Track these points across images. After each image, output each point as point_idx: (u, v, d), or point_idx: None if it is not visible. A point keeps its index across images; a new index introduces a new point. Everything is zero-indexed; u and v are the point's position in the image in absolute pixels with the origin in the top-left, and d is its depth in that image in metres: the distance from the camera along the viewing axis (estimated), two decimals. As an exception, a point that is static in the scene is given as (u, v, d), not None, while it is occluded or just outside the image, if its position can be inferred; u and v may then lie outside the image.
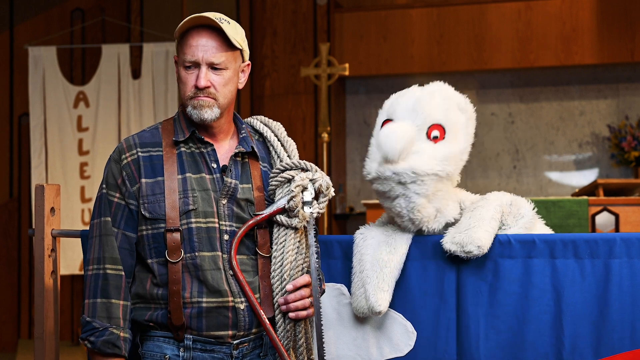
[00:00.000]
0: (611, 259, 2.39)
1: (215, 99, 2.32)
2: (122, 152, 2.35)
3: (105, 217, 2.32)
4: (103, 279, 2.28)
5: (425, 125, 2.42)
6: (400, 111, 2.46)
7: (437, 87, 2.50)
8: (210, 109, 2.32)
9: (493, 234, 2.42)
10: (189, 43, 2.31)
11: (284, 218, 2.35)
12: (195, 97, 2.32)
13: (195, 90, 2.31)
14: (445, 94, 2.49)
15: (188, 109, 2.34)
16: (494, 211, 2.44)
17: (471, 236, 2.37)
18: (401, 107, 2.46)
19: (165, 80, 7.89)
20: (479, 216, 2.41)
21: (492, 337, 2.45)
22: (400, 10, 8.21)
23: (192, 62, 2.31)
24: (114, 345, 2.25)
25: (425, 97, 2.45)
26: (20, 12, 8.39)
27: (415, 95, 2.47)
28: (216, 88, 2.32)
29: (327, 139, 6.98)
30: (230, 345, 2.29)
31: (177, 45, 2.37)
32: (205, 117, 2.32)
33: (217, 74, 2.33)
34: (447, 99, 2.47)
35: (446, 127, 2.43)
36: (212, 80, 2.31)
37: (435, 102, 2.44)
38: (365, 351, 2.55)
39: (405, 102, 2.47)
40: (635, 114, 8.11)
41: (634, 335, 2.36)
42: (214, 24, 2.31)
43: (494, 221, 2.42)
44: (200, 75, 2.30)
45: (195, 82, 2.31)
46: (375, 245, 2.50)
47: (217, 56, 2.31)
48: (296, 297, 2.31)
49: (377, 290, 2.42)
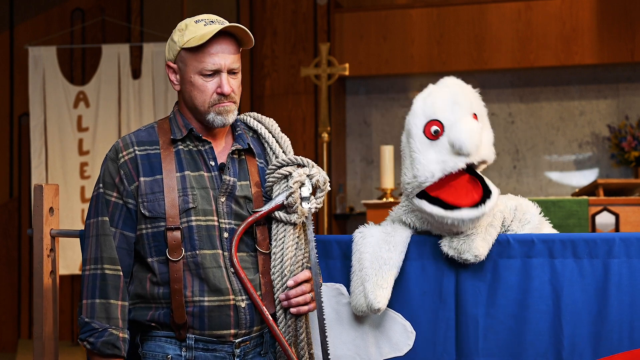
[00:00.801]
0: (610, 259, 2.39)
1: (235, 102, 2.37)
2: (119, 150, 2.35)
3: (102, 216, 2.32)
4: (101, 279, 2.28)
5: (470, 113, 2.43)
6: (442, 108, 2.42)
7: (456, 81, 2.51)
8: (232, 113, 2.37)
9: (491, 242, 2.42)
10: (209, 51, 2.32)
11: (283, 214, 2.36)
12: (219, 104, 2.34)
13: (219, 97, 2.33)
14: (466, 86, 2.51)
15: (209, 116, 2.34)
16: (493, 218, 2.44)
17: (469, 245, 2.38)
18: (440, 105, 2.43)
19: (165, 80, 7.89)
20: (479, 223, 2.41)
21: (491, 336, 2.45)
22: (400, 10, 8.21)
23: (213, 70, 2.33)
24: (113, 346, 2.25)
25: (460, 89, 2.46)
26: (21, 12, 8.39)
27: (447, 91, 2.46)
28: (235, 92, 2.36)
29: (327, 139, 6.98)
30: (232, 344, 2.30)
31: (187, 53, 2.34)
32: (229, 121, 2.36)
33: (234, 78, 2.37)
34: (470, 90, 2.50)
35: (479, 115, 2.45)
36: (231, 85, 2.35)
37: (468, 91, 2.47)
38: (365, 351, 2.55)
39: (442, 99, 2.44)
40: (635, 114, 8.11)
41: (632, 335, 2.36)
42: (235, 29, 2.33)
43: (492, 229, 2.42)
44: (224, 81, 2.32)
45: (218, 89, 2.33)
46: (374, 243, 2.50)
47: (236, 60, 2.36)
48: (297, 292, 2.33)
49: (376, 288, 2.42)
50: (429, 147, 2.39)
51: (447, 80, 2.51)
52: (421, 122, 2.44)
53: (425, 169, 2.38)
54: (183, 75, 2.36)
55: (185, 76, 2.35)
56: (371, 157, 8.57)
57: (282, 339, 2.30)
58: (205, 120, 2.36)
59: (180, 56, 2.36)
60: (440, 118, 2.40)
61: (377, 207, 5.44)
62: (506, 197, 2.56)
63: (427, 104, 2.44)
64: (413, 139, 2.42)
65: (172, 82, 2.40)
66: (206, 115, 2.35)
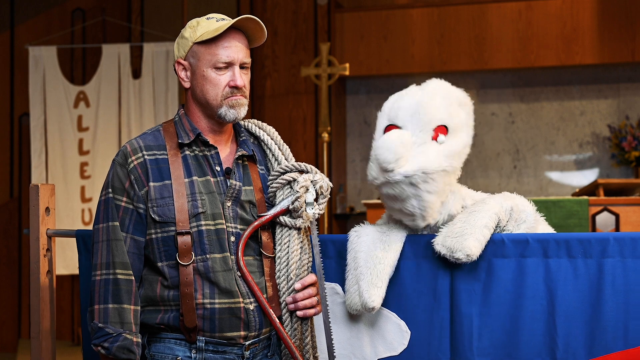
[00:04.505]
0: (604, 259, 2.39)
1: (246, 97, 2.39)
2: (128, 155, 2.34)
3: (112, 221, 2.31)
4: (114, 284, 2.27)
5: (430, 128, 2.41)
6: (402, 116, 2.44)
7: (436, 86, 2.49)
8: (244, 107, 2.39)
9: (484, 242, 2.41)
10: (222, 44, 2.34)
11: (288, 219, 2.37)
12: (232, 96, 2.35)
13: (232, 90, 2.35)
14: (445, 92, 2.48)
15: (222, 110, 2.35)
16: (488, 219, 2.43)
17: (462, 243, 2.37)
18: (403, 112, 2.44)
19: (165, 80, 7.90)
20: (473, 222, 2.41)
21: (485, 336, 2.45)
22: (400, 10, 8.20)
23: (227, 63, 2.35)
24: (129, 351, 2.24)
25: (426, 100, 2.44)
26: (21, 12, 8.40)
27: (415, 99, 2.45)
28: (246, 87, 2.39)
29: (327, 139, 6.98)
30: (242, 346, 2.30)
31: (199, 47, 2.36)
32: (242, 115, 2.38)
33: (245, 74, 2.39)
34: (447, 97, 2.46)
35: (449, 125, 2.43)
36: (243, 79, 2.37)
37: (436, 103, 2.43)
38: (360, 350, 2.55)
39: (407, 106, 2.44)
40: (635, 114, 8.10)
41: (627, 335, 2.36)
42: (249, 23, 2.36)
43: (486, 229, 2.41)
44: (237, 74, 2.35)
45: (231, 81, 2.35)
46: (369, 242, 2.50)
47: (248, 55, 2.39)
48: (304, 295, 2.34)
49: (371, 286, 2.42)
50: None
51: (429, 85, 2.50)
52: (382, 123, 2.49)
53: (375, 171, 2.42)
54: (195, 70, 2.37)
55: (198, 70, 2.36)
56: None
57: (289, 341, 2.32)
58: (216, 114, 2.36)
59: (192, 51, 2.37)
60: (400, 125, 2.44)
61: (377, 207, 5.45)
62: (502, 196, 2.54)
63: (394, 108, 2.48)
64: (375, 136, 2.48)
65: (182, 79, 2.41)
66: (218, 109, 2.35)
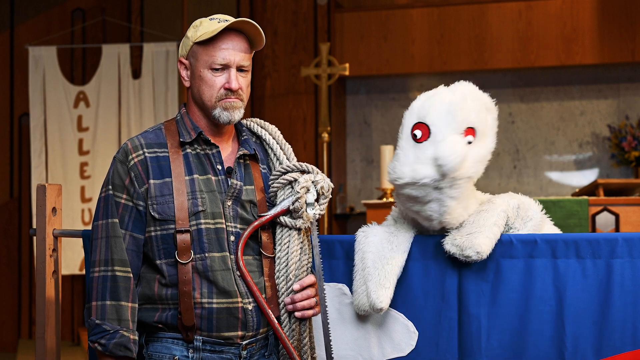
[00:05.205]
0: (613, 259, 2.39)
1: (242, 100, 2.37)
2: (129, 152, 2.34)
3: (112, 218, 2.31)
4: (112, 281, 2.27)
5: (462, 128, 2.37)
6: (434, 115, 2.38)
7: (465, 89, 2.45)
8: (239, 110, 2.37)
9: (494, 240, 2.41)
10: (219, 46, 2.34)
11: (288, 219, 2.37)
12: (226, 99, 2.35)
13: (226, 92, 2.34)
14: (474, 96, 2.44)
15: (215, 111, 2.35)
16: (497, 217, 2.43)
17: (472, 241, 2.37)
18: (434, 111, 2.39)
19: (165, 80, 7.89)
20: (482, 221, 2.41)
21: (493, 337, 2.45)
22: (400, 10, 8.20)
23: (223, 65, 2.34)
24: (125, 348, 2.24)
25: (459, 101, 2.40)
26: (21, 12, 8.38)
27: (447, 99, 2.41)
28: (243, 90, 2.37)
29: (327, 139, 6.98)
30: (239, 345, 2.30)
31: (198, 48, 2.36)
32: (235, 118, 2.37)
33: (243, 77, 2.38)
34: (477, 101, 2.43)
35: (478, 129, 2.40)
36: (239, 82, 2.35)
37: (468, 105, 2.40)
38: (367, 351, 2.55)
39: (438, 105, 2.40)
40: (635, 114, 8.11)
41: (635, 335, 2.36)
42: (248, 26, 2.35)
43: (496, 227, 2.41)
44: (232, 77, 2.34)
45: (226, 84, 2.34)
46: (377, 242, 2.50)
47: (246, 59, 2.37)
48: (303, 296, 2.34)
49: (379, 287, 2.42)
50: (412, 148, 2.39)
51: (459, 87, 2.45)
52: (411, 121, 2.44)
53: (399, 169, 2.39)
54: (193, 70, 2.38)
55: (195, 71, 2.37)
56: (371, 157, 8.57)
57: (287, 342, 2.31)
58: (211, 116, 2.36)
59: (192, 51, 2.38)
60: (429, 123, 2.37)
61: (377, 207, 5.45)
62: (508, 195, 2.55)
63: (424, 106, 2.42)
64: (402, 134, 2.44)
65: (183, 78, 2.42)
66: (212, 111, 2.35)
